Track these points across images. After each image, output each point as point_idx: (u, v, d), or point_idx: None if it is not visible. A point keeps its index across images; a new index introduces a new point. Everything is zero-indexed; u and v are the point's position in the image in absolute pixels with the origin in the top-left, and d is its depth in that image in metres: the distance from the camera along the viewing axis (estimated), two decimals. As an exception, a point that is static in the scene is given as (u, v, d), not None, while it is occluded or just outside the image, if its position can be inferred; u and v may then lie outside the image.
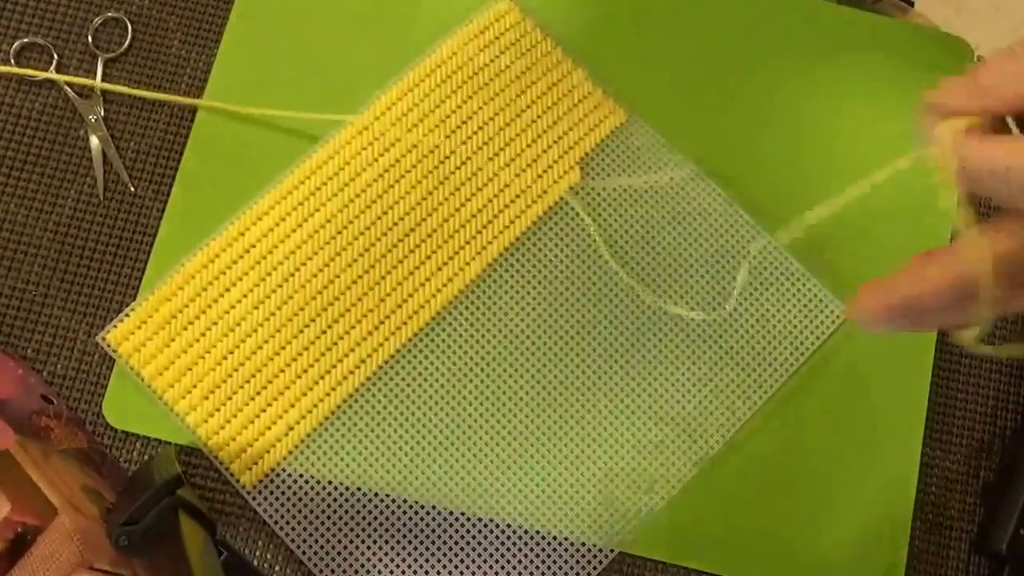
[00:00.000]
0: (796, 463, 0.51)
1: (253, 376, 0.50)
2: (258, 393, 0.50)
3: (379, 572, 0.49)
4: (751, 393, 0.52)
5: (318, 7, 0.56)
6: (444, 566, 0.49)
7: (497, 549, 0.49)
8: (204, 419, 0.49)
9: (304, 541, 0.49)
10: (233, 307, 0.51)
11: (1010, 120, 0.36)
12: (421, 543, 0.49)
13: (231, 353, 0.50)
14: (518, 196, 0.53)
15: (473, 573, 0.49)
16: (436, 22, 0.56)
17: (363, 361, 0.51)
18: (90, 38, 0.55)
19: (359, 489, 0.50)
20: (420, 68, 0.55)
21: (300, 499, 0.49)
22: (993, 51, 0.34)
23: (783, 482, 0.51)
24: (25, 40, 0.55)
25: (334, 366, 0.51)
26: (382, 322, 0.51)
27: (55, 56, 0.55)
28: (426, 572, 0.49)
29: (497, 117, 0.54)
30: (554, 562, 0.49)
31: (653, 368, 0.52)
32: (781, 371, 0.52)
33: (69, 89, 0.54)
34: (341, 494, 0.49)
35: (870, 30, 0.58)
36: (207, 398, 0.50)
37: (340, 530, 0.49)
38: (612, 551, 0.49)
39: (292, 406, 0.50)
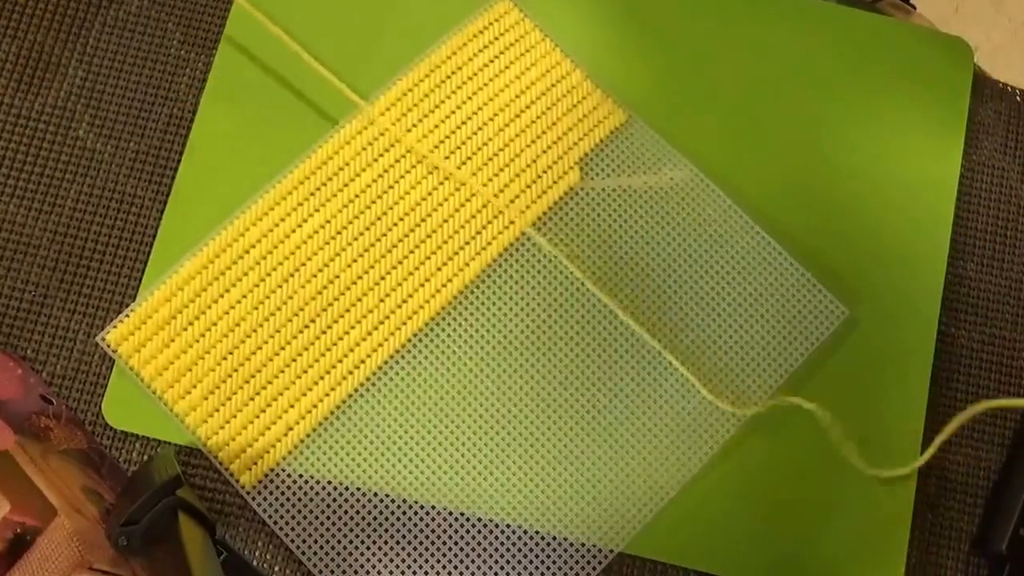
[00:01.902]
0: (796, 463, 0.51)
1: (253, 376, 0.50)
2: (258, 393, 0.50)
3: (379, 572, 0.49)
4: (750, 393, 0.52)
5: (317, 8, 0.56)
6: (444, 566, 0.49)
7: (496, 549, 0.49)
8: (204, 419, 0.50)
9: (304, 541, 0.49)
10: (233, 307, 0.51)
11: None
12: (420, 543, 0.49)
13: (231, 353, 0.50)
14: (517, 196, 0.53)
15: (472, 573, 0.49)
16: (435, 22, 0.56)
17: (363, 361, 0.51)
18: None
19: (359, 489, 0.50)
20: (419, 68, 0.55)
21: (300, 499, 0.49)
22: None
23: (783, 482, 0.51)
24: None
25: (334, 366, 0.51)
26: (382, 322, 0.51)
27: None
28: (425, 572, 0.49)
29: (496, 117, 0.54)
30: (553, 562, 0.49)
31: (653, 368, 0.52)
32: (781, 371, 0.52)
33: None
34: (341, 494, 0.50)
35: (869, 30, 0.58)
36: (207, 398, 0.50)
37: (340, 530, 0.49)
38: (611, 551, 0.49)
39: (292, 406, 0.50)
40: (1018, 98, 0.58)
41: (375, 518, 0.49)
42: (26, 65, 0.55)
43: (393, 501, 0.50)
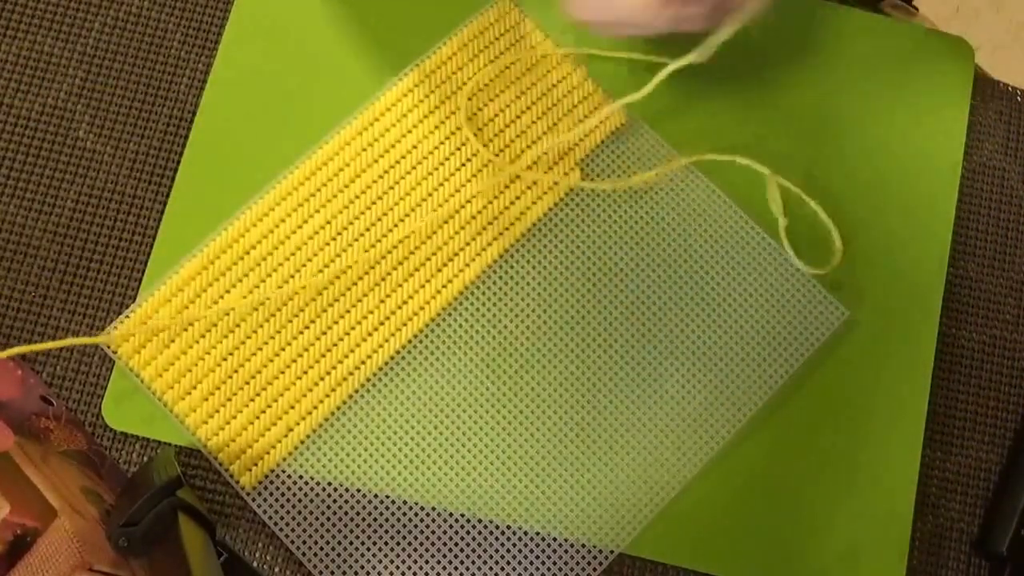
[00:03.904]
0: (796, 464, 0.51)
1: (253, 378, 0.50)
2: (258, 394, 0.50)
3: (379, 573, 0.49)
4: (751, 394, 0.52)
5: (318, 8, 0.56)
6: (444, 567, 0.49)
7: (497, 550, 0.49)
8: (204, 420, 0.49)
9: (304, 542, 0.49)
10: (233, 308, 0.51)
11: None
12: (420, 544, 0.49)
13: (231, 355, 0.50)
14: (518, 198, 0.53)
15: (473, 574, 0.49)
16: (437, 22, 0.56)
17: (363, 363, 0.51)
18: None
19: (359, 490, 0.50)
20: (421, 68, 0.55)
21: (300, 500, 0.49)
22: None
23: (783, 483, 0.51)
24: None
25: (334, 367, 0.50)
26: (382, 323, 0.51)
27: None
28: (426, 573, 0.49)
29: (497, 118, 0.54)
30: (554, 563, 0.49)
31: (653, 370, 0.52)
32: (781, 371, 0.52)
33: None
34: (341, 495, 0.49)
35: (870, 30, 0.57)
36: (207, 399, 0.50)
37: (340, 531, 0.49)
38: (612, 552, 0.49)
39: (292, 407, 0.50)
40: (1019, 98, 0.58)
41: (375, 519, 0.49)
42: (26, 65, 0.55)
43: (393, 502, 0.49)
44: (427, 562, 0.49)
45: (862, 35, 0.57)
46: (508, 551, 0.49)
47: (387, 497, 0.50)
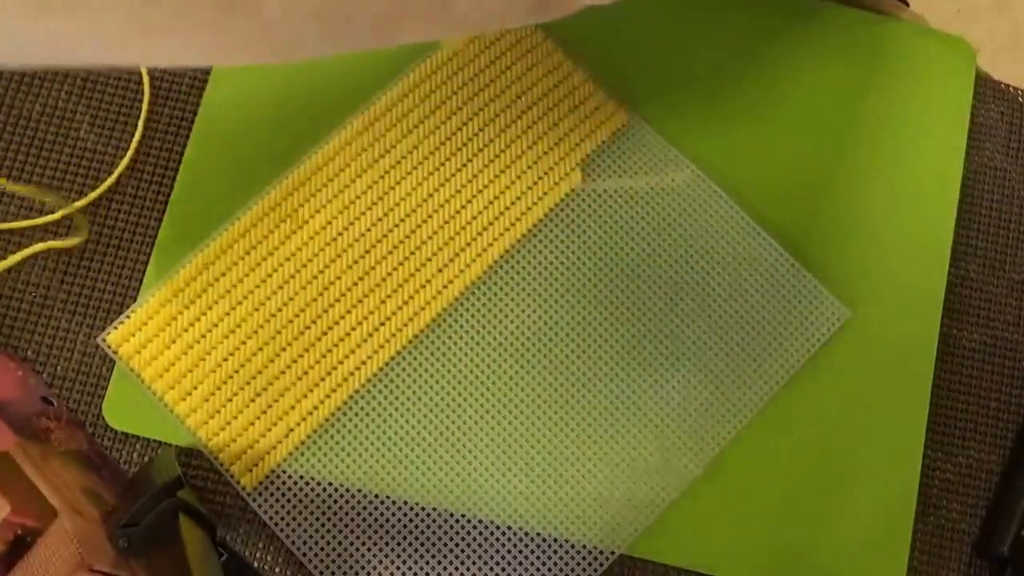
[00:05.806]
0: (797, 464, 0.51)
1: (254, 378, 0.50)
2: (258, 395, 0.50)
3: (379, 574, 0.49)
4: (751, 395, 0.52)
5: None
6: (444, 568, 0.49)
7: (498, 551, 0.49)
8: (204, 421, 0.49)
9: (304, 543, 0.49)
10: (233, 309, 0.51)
11: None
12: (421, 545, 0.49)
13: (231, 355, 0.50)
14: (518, 198, 0.53)
15: (473, 575, 0.49)
16: (437, 23, 0.56)
17: (363, 363, 0.51)
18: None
19: (359, 491, 0.50)
20: (421, 69, 0.55)
21: (300, 501, 0.49)
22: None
23: (784, 483, 0.51)
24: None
25: (334, 368, 0.50)
26: (382, 324, 0.51)
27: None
28: (426, 574, 0.49)
29: (498, 119, 0.54)
30: (555, 564, 0.49)
31: (654, 370, 0.52)
32: (781, 372, 0.52)
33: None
34: (341, 496, 0.49)
35: (870, 31, 0.57)
36: (208, 400, 0.50)
37: (340, 532, 0.49)
38: (613, 553, 0.49)
39: (292, 408, 0.50)
40: (1020, 99, 0.58)
41: (376, 520, 0.49)
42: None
43: (394, 503, 0.49)
44: (427, 562, 0.49)
45: (863, 36, 0.57)
46: (508, 551, 0.49)
47: (387, 497, 0.50)
